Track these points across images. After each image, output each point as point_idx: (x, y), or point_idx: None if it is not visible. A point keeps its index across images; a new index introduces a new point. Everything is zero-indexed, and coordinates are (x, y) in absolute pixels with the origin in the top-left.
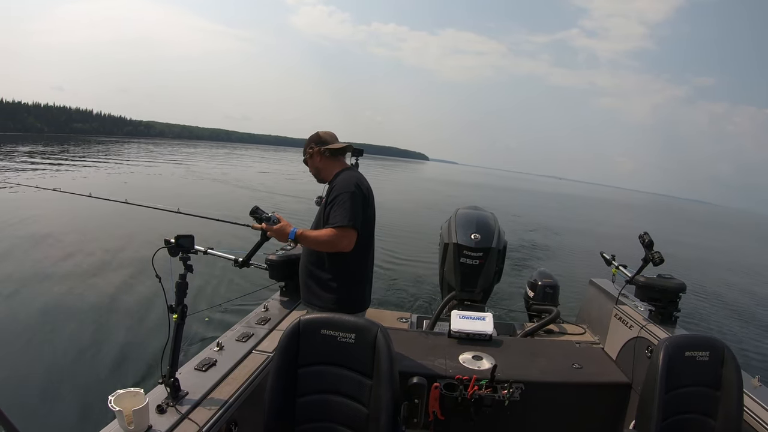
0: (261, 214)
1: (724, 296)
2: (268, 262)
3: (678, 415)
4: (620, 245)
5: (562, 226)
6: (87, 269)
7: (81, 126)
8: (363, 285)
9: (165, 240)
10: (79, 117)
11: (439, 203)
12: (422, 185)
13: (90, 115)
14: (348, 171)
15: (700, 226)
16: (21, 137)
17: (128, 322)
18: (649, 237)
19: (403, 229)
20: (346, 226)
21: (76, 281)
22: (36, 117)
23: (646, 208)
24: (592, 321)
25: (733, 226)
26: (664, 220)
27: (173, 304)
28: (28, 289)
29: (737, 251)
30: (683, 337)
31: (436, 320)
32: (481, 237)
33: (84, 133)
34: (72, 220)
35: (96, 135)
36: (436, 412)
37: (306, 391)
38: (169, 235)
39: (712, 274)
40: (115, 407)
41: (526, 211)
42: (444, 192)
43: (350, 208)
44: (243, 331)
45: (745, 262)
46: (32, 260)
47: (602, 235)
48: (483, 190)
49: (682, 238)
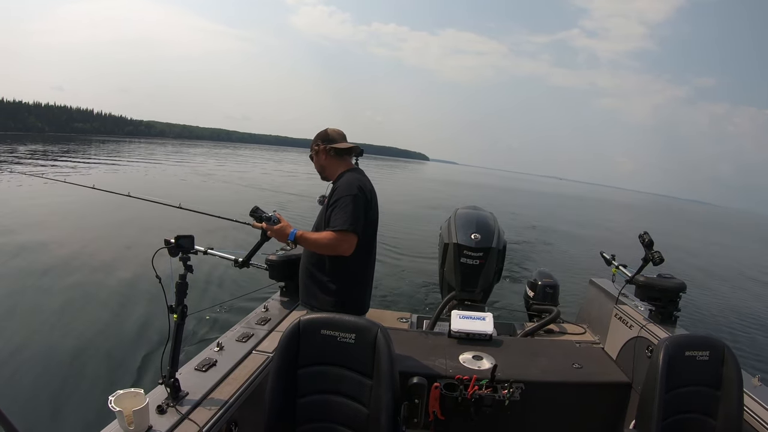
0: (261, 214)
1: (724, 296)
2: (268, 262)
3: (678, 414)
4: (619, 245)
5: (558, 226)
6: (87, 269)
7: (82, 126)
8: (363, 288)
9: (165, 240)
10: (80, 117)
11: (441, 203)
12: (423, 185)
13: (91, 115)
14: (352, 173)
15: (699, 226)
16: (22, 136)
17: (128, 322)
18: (649, 237)
19: (403, 229)
20: (347, 230)
21: (76, 281)
22: (37, 117)
23: (645, 208)
24: (593, 321)
25: (733, 226)
26: (663, 220)
27: (173, 304)
28: (28, 289)
29: (737, 251)
30: (683, 337)
31: (436, 320)
32: (481, 237)
33: (85, 133)
34: (73, 218)
35: (97, 135)
36: (436, 412)
37: (306, 392)
38: (170, 236)
39: (712, 274)
40: (116, 407)
41: (524, 210)
42: (445, 191)
43: (352, 212)
44: (243, 331)
45: (745, 262)
46: (32, 260)
47: (601, 235)
48: (483, 190)
49: (682, 239)
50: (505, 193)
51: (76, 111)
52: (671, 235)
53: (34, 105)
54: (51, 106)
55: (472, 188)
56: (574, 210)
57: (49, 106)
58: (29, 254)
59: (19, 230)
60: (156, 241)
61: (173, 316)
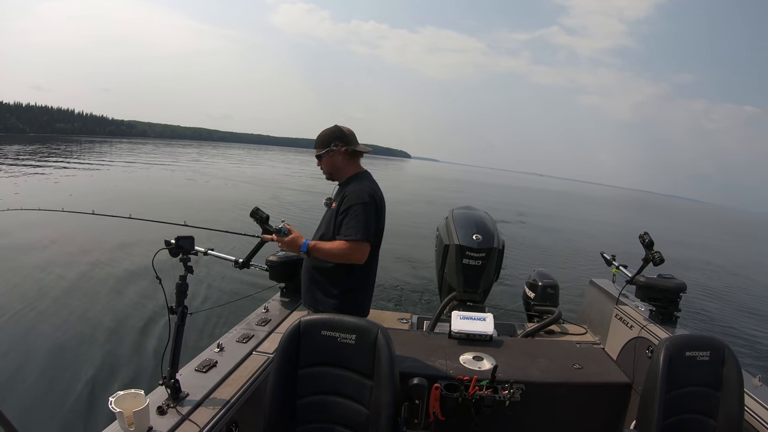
0: (262, 215)
1: (724, 296)
2: (269, 263)
3: (679, 415)
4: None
5: (535, 221)
6: (87, 270)
7: (63, 126)
8: (366, 292)
9: (165, 241)
10: (62, 117)
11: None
12: (409, 182)
13: (72, 115)
14: (362, 178)
15: (677, 221)
16: (3, 137)
17: (129, 323)
18: (650, 237)
19: (403, 229)
20: (360, 239)
21: (76, 283)
22: (18, 117)
23: (625, 203)
24: (593, 321)
25: (711, 222)
26: (639, 216)
27: (173, 305)
28: (28, 290)
29: (737, 251)
30: (684, 337)
31: (436, 321)
32: (482, 237)
33: (67, 133)
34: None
35: (79, 135)
36: (436, 413)
37: (306, 392)
38: (171, 235)
39: (712, 274)
40: (116, 408)
41: (504, 205)
42: (435, 187)
43: (364, 222)
44: (243, 332)
45: (745, 262)
46: (31, 260)
47: (583, 232)
48: (463, 185)
49: (663, 233)
50: (484, 188)
51: (57, 111)
52: (648, 231)
53: (15, 105)
54: (32, 106)
55: (452, 183)
56: (549, 204)
57: (30, 107)
58: (29, 254)
59: (17, 232)
60: (156, 242)
61: (173, 317)
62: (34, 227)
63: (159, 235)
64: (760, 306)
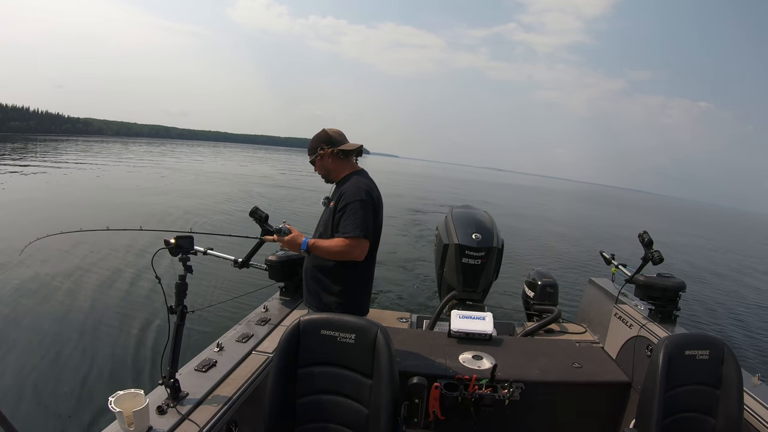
0: (261, 214)
1: (723, 295)
2: (268, 262)
3: (678, 413)
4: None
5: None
6: (87, 270)
7: (18, 125)
8: (366, 290)
9: (165, 240)
10: (16, 115)
11: None
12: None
13: (27, 113)
14: (358, 176)
15: (639, 213)
16: None
17: (128, 323)
18: (649, 236)
19: (402, 229)
20: (359, 236)
21: (76, 282)
22: None
23: (581, 196)
24: (592, 320)
25: (665, 211)
26: (594, 207)
27: (173, 304)
28: (28, 290)
29: (737, 251)
30: (683, 336)
31: (436, 320)
32: (482, 237)
33: (22, 132)
34: (70, 220)
35: (34, 133)
36: (436, 412)
37: (306, 392)
38: (168, 235)
39: (711, 274)
40: (116, 408)
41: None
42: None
43: (362, 218)
44: (243, 331)
45: (745, 262)
46: (31, 261)
47: (595, 234)
48: (421, 179)
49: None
50: (440, 182)
51: (11, 109)
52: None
53: None
54: None
55: (412, 178)
56: (503, 198)
57: None
58: (29, 254)
59: (17, 234)
60: (156, 242)
61: (173, 317)
62: (31, 226)
63: (159, 235)
64: (760, 305)
